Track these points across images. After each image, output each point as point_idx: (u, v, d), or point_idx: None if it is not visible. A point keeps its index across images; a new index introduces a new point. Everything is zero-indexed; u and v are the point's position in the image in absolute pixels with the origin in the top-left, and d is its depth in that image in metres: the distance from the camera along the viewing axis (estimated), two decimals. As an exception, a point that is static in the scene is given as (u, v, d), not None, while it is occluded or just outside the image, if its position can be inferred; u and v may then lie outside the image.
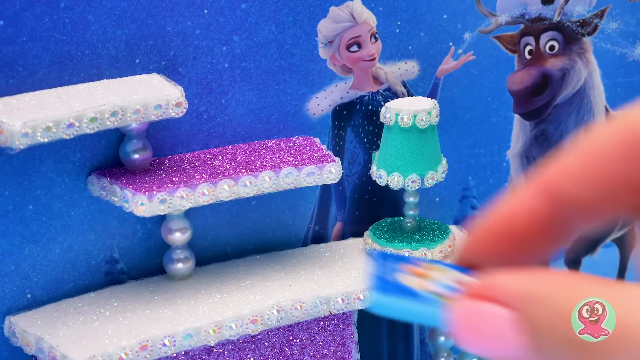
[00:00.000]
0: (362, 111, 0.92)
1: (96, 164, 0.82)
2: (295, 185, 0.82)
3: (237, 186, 0.80)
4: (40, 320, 0.79)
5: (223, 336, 0.78)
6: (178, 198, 0.78)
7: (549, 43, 0.96)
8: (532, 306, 0.34)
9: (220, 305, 0.80)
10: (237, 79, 0.86)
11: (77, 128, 0.73)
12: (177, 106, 0.77)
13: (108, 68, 0.80)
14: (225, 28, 0.84)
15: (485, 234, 0.41)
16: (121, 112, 0.75)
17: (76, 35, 0.78)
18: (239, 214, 0.89)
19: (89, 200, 0.82)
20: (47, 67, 0.78)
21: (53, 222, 0.81)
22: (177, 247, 0.84)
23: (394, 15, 0.90)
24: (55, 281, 0.82)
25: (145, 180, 0.79)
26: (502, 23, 0.94)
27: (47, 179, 0.80)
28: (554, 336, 0.34)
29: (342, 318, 0.84)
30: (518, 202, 0.38)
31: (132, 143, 0.81)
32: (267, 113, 0.88)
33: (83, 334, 0.76)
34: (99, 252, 0.84)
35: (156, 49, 0.82)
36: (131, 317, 0.79)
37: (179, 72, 0.83)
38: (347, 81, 0.90)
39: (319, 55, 0.88)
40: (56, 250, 0.82)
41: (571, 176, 0.38)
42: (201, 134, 0.86)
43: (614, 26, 0.97)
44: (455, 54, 0.93)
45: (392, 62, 0.91)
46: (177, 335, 0.76)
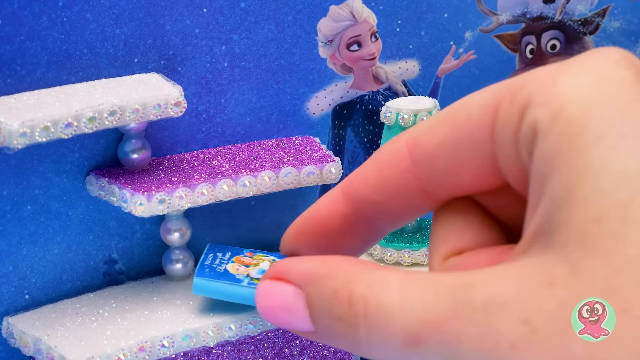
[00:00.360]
0: (363, 111, 0.92)
1: (95, 163, 0.82)
2: (295, 185, 0.82)
3: (237, 186, 0.80)
4: (38, 321, 0.79)
5: (222, 337, 0.78)
6: (177, 198, 0.78)
7: (551, 42, 0.96)
8: (310, 285, 0.39)
9: (219, 306, 0.80)
10: (237, 78, 0.86)
11: (76, 128, 0.73)
12: (176, 106, 0.77)
13: (107, 67, 0.80)
14: (224, 27, 0.84)
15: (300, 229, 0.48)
16: (120, 112, 0.75)
17: (74, 34, 0.78)
18: (238, 214, 0.89)
19: (87, 200, 0.82)
20: (45, 67, 0.78)
21: (51, 222, 0.81)
22: (176, 247, 0.84)
23: (395, 14, 0.90)
24: (53, 282, 0.82)
25: (144, 180, 0.79)
26: (504, 22, 0.94)
27: (45, 179, 0.80)
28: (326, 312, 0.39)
29: (342, 319, 0.85)
30: (324, 201, 0.46)
31: (130, 143, 0.81)
32: (267, 112, 0.88)
33: (81, 334, 0.76)
34: (97, 252, 0.84)
35: (155, 48, 0.82)
36: (130, 317, 0.79)
37: (178, 71, 0.83)
38: (347, 80, 0.90)
39: (318, 54, 0.88)
40: (54, 251, 0.82)
41: (364, 180, 0.44)
42: (200, 134, 0.86)
43: (615, 25, 0.97)
44: (456, 53, 0.93)
45: (393, 61, 0.91)
46: (176, 336, 0.76)
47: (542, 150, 0.37)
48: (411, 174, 0.42)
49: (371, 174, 0.44)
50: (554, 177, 0.36)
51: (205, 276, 0.78)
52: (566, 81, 0.38)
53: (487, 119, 0.40)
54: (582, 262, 0.34)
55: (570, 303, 0.34)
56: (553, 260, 0.35)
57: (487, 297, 0.35)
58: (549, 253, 0.36)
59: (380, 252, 0.88)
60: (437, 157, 0.42)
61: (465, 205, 0.45)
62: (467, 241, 0.44)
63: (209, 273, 0.78)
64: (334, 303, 0.38)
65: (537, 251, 0.37)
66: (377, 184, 0.43)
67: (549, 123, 0.37)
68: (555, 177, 0.36)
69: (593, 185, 0.35)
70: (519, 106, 0.39)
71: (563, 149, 0.36)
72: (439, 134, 0.42)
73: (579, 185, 0.35)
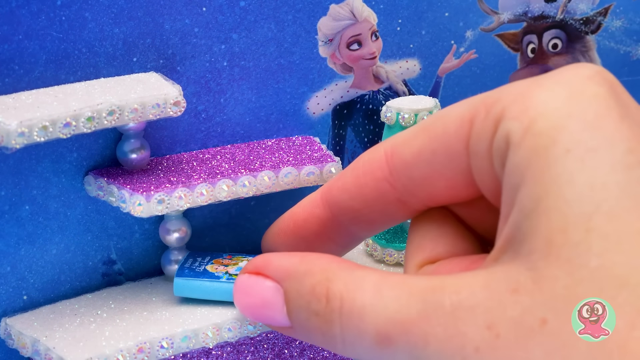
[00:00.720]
0: (363, 110, 0.92)
1: (93, 163, 0.82)
2: (295, 185, 0.82)
3: (236, 186, 0.80)
4: (36, 322, 0.79)
5: (222, 338, 0.78)
6: (176, 198, 0.78)
7: (552, 41, 0.96)
8: (288, 281, 0.40)
9: (219, 307, 0.80)
10: (236, 78, 0.86)
11: (74, 127, 0.73)
12: (175, 105, 0.77)
13: (105, 66, 0.80)
14: (224, 26, 0.84)
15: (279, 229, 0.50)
16: (118, 111, 0.75)
17: (73, 33, 0.78)
18: (237, 215, 0.89)
19: (85, 200, 0.82)
20: (44, 66, 0.78)
21: (49, 222, 0.81)
22: (175, 247, 0.84)
23: (395, 13, 0.90)
24: (51, 282, 0.82)
25: (143, 180, 0.79)
26: (505, 21, 0.94)
27: (44, 179, 0.80)
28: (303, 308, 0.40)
29: (343, 320, 0.84)
30: (304, 204, 0.48)
31: (129, 142, 0.81)
32: (267, 112, 0.88)
33: (80, 335, 0.76)
34: (96, 253, 0.84)
35: (154, 47, 0.82)
36: (128, 318, 0.79)
37: (177, 70, 0.83)
38: (347, 80, 0.90)
39: (318, 53, 0.88)
40: (53, 251, 0.82)
41: (342, 187, 0.45)
42: (199, 134, 0.86)
43: (617, 24, 0.97)
44: (457, 52, 0.93)
45: (393, 61, 0.91)
46: (175, 337, 0.76)
47: (514, 162, 0.38)
48: (388, 183, 0.43)
49: (349, 181, 0.45)
50: (523, 189, 0.37)
51: (185, 276, 0.80)
52: (539, 96, 0.39)
53: (462, 131, 0.41)
54: (545, 270, 0.35)
55: (532, 310, 0.35)
56: (519, 268, 0.36)
57: (456, 301, 0.36)
58: (516, 261, 0.36)
59: (381, 253, 0.88)
60: (414, 167, 0.43)
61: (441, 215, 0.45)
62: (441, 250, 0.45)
63: (189, 273, 0.80)
64: (312, 299, 0.39)
65: (506, 259, 0.37)
66: (354, 191, 0.44)
67: (520, 136, 0.37)
68: (525, 189, 0.37)
69: (559, 196, 0.36)
70: (493, 119, 0.39)
71: (533, 161, 0.37)
72: (416, 144, 0.42)
73: (546, 197, 0.36)
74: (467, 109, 0.41)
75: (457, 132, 0.41)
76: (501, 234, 0.39)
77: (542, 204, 0.36)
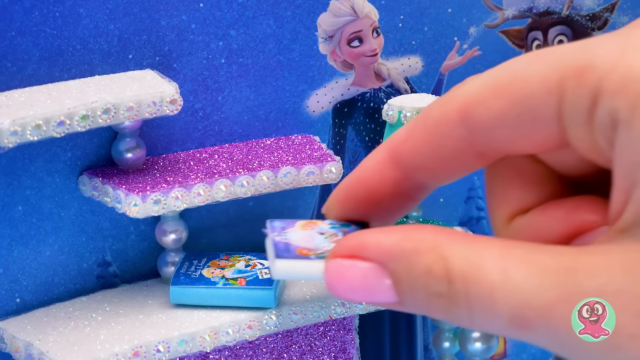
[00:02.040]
0: (364, 108, 0.92)
1: (88, 163, 0.82)
2: (294, 185, 0.82)
3: (234, 186, 0.80)
4: (29, 326, 0.79)
5: (219, 342, 0.78)
6: (173, 199, 0.78)
7: (558, 38, 0.96)
8: (395, 262, 0.39)
9: (216, 311, 0.80)
10: (234, 75, 0.86)
11: (68, 126, 0.73)
12: (172, 103, 0.77)
13: (100, 64, 0.80)
14: (221, 22, 0.84)
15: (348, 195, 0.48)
16: (113, 110, 0.75)
17: (67, 29, 0.78)
18: (235, 215, 0.89)
19: (80, 200, 0.82)
20: (37, 63, 0.78)
21: (43, 223, 0.81)
22: (171, 249, 0.84)
23: (397, 9, 0.90)
24: (45, 285, 0.82)
25: (139, 180, 0.79)
26: (509, 17, 0.94)
27: (37, 178, 0.80)
28: (421, 289, 0.39)
29: (343, 323, 0.84)
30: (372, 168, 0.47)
31: (125, 142, 0.81)
32: (265, 110, 0.88)
33: (74, 339, 0.76)
34: (90, 254, 0.84)
35: (150, 44, 0.82)
36: (124, 322, 0.79)
37: (174, 68, 0.83)
38: (348, 77, 0.90)
39: (318, 50, 0.88)
40: (46, 253, 0.82)
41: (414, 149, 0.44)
42: (197, 132, 0.86)
43: (624, 20, 0.97)
44: (461, 49, 0.93)
45: (395, 58, 0.91)
46: (172, 340, 0.76)
47: (627, 141, 0.38)
48: (466, 142, 0.43)
49: (421, 142, 0.44)
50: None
51: (181, 283, 0.80)
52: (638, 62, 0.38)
53: (552, 99, 0.40)
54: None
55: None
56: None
57: (596, 285, 0.36)
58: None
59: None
60: (496, 129, 0.42)
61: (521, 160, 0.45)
62: (530, 198, 0.45)
63: (184, 280, 0.80)
64: (430, 281, 0.39)
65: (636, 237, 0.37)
66: (429, 152, 0.44)
67: (629, 113, 0.37)
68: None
69: None
70: (589, 90, 0.39)
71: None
72: (497, 107, 0.42)
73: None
74: (552, 74, 0.41)
75: (545, 99, 0.41)
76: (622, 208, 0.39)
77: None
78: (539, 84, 0.41)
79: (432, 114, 0.44)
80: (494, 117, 0.42)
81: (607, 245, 0.38)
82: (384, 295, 0.41)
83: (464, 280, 0.38)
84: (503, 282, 0.38)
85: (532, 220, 0.44)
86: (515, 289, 0.38)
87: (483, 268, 0.38)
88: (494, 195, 0.46)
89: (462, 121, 0.42)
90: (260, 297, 0.78)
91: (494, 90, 0.42)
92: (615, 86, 0.38)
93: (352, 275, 0.42)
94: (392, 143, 0.46)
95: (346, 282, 0.43)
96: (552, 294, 0.37)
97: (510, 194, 0.45)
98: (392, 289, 0.41)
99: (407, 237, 0.41)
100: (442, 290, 0.38)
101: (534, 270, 0.38)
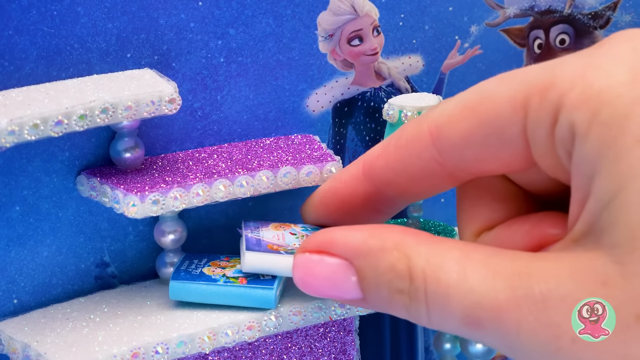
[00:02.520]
0: (364, 108, 0.92)
1: (86, 163, 0.82)
2: (293, 185, 0.82)
3: (233, 186, 0.80)
4: (27, 327, 0.79)
5: (218, 343, 0.78)
6: (171, 199, 0.78)
7: (560, 37, 0.96)
8: (360, 258, 0.41)
9: (215, 311, 0.80)
10: (233, 74, 0.86)
11: (66, 125, 0.73)
12: (171, 103, 0.77)
13: (98, 63, 0.80)
14: (220, 21, 0.84)
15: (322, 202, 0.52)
16: (112, 109, 0.75)
17: (65, 28, 0.78)
18: (235, 216, 0.89)
19: (78, 201, 0.82)
20: (35, 62, 0.78)
21: (41, 223, 0.81)
22: (170, 249, 0.84)
23: (397, 7, 0.90)
24: (43, 286, 0.82)
25: (137, 180, 0.79)
26: (511, 16, 0.94)
27: (35, 178, 0.80)
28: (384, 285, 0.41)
29: (343, 324, 0.84)
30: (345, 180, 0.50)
31: (123, 141, 0.81)
32: (265, 110, 0.88)
33: (72, 340, 0.76)
34: (88, 255, 0.84)
35: (148, 43, 0.82)
36: (122, 323, 0.79)
37: (173, 67, 0.83)
38: (348, 76, 0.90)
39: (318, 49, 0.88)
40: (44, 254, 0.82)
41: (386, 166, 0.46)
42: (195, 132, 0.86)
43: (627, 19, 0.97)
44: (462, 48, 0.93)
45: (395, 57, 0.92)
46: (171, 342, 0.76)
47: (583, 154, 0.39)
48: (436, 162, 0.44)
49: (393, 159, 0.46)
50: (597, 180, 0.38)
51: (181, 279, 0.80)
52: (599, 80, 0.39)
53: (517, 117, 0.41)
54: (633, 265, 0.36)
55: (625, 306, 0.36)
56: (604, 259, 0.37)
57: (545, 289, 0.37)
58: (599, 251, 0.37)
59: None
60: (465, 148, 0.43)
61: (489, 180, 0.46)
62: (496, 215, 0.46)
63: (185, 276, 0.80)
64: (393, 277, 0.40)
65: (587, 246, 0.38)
66: (400, 169, 0.45)
67: (586, 127, 0.38)
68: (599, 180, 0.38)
69: (635, 189, 0.36)
70: (551, 107, 0.39)
71: (603, 153, 0.38)
72: (464, 126, 0.43)
73: (622, 189, 0.37)
74: (518, 92, 0.42)
75: (510, 118, 0.42)
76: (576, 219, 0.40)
77: (620, 197, 0.37)
78: (505, 103, 0.42)
79: (405, 133, 0.46)
80: (462, 137, 0.43)
81: (559, 253, 0.39)
82: (349, 292, 0.43)
83: (424, 278, 0.40)
84: (459, 282, 0.39)
85: (497, 235, 0.45)
86: (470, 290, 0.39)
87: (442, 268, 0.39)
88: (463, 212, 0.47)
89: (433, 141, 0.44)
90: (260, 296, 0.78)
91: (463, 111, 0.43)
92: (575, 102, 0.39)
93: (320, 270, 0.44)
94: (367, 158, 0.48)
95: (314, 276, 0.44)
96: (503, 296, 0.38)
97: (479, 211, 0.47)
98: (357, 285, 0.42)
99: (374, 235, 0.42)
100: (404, 287, 0.40)
101: (489, 272, 0.39)
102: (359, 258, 0.43)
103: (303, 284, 0.45)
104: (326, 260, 0.43)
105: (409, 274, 0.40)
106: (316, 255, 0.43)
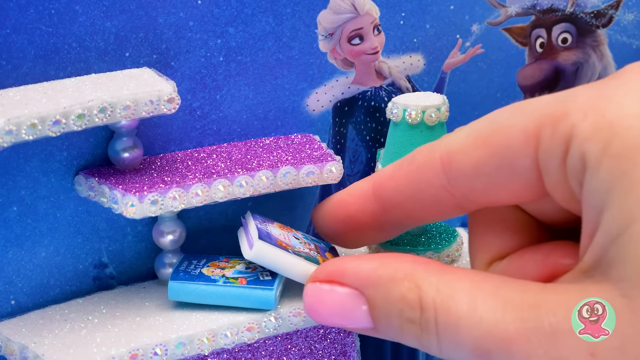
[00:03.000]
0: (365, 107, 0.92)
1: (84, 163, 0.82)
2: (293, 185, 0.82)
3: (233, 186, 0.80)
4: (24, 328, 0.79)
5: (218, 345, 0.78)
6: (170, 199, 0.78)
7: (562, 35, 0.96)
8: (371, 288, 0.42)
9: (214, 312, 0.80)
10: (233, 74, 0.86)
11: (64, 125, 0.73)
12: (170, 102, 0.77)
13: (96, 62, 0.80)
14: (220, 20, 0.84)
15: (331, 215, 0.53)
16: (110, 109, 0.75)
17: (63, 27, 0.78)
18: (234, 216, 0.89)
19: (76, 201, 0.82)
20: (32, 61, 0.78)
21: (38, 224, 0.81)
22: (169, 250, 0.84)
23: (398, 6, 0.90)
24: (40, 286, 0.82)
25: (136, 180, 0.79)
26: (512, 14, 0.94)
27: (32, 178, 0.80)
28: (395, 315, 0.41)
29: (344, 325, 0.84)
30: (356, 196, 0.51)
31: (121, 141, 0.81)
32: (264, 109, 0.88)
33: (70, 342, 0.76)
34: (86, 255, 0.84)
35: (147, 42, 0.82)
36: (121, 324, 0.79)
37: (171, 66, 0.83)
38: (348, 76, 0.90)
39: (318, 48, 0.88)
40: (42, 254, 0.82)
41: (396, 189, 0.47)
42: (195, 132, 0.86)
43: (630, 18, 0.97)
44: (463, 47, 0.93)
45: (396, 56, 0.91)
46: (169, 343, 0.76)
47: (594, 186, 0.39)
48: (446, 191, 0.45)
49: (403, 183, 0.47)
50: (607, 213, 0.38)
51: (180, 279, 0.80)
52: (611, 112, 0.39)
53: (529, 148, 0.42)
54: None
55: (633, 341, 0.36)
56: (612, 293, 0.37)
57: (554, 322, 0.37)
58: (606, 284, 0.37)
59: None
60: (475, 179, 0.44)
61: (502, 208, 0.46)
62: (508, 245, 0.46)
63: (184, 276, 0.80)
64: (404, 307, 0.41)
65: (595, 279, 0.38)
66: (410, 193, 0.46)
67: (597, 158, 0.38)
68: (608, 213, 0.38)
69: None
70: (562, 137, 0.40)
71: (614, 185, 0.38)
72: (476, 156, 0.43)
73: (632, 223, 0.37)
74: (530, 122, 0.42)
75: (523, 149, 0.42)
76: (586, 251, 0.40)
77: (629, 231, 0.38)
78: (517, 134, 0.42)
79: (417, 158, 0.46)
80: (473, 167, 0.43)
81: (569, 285, 0.39)
82: (359, 321, 0.43)
83: (434, 308, 0.40)
84: (469, 313, 0.39)
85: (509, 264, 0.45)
86: (480, 321, 0.39)
87: (453, 298, 0.40)
88: (475, 241, 0.47)
89: (444, 169, 0.44)
90: (260, 297, 0.78)
91: (476, 141, 0.44)
92: (587, 133, 0.39)
93: (331, 299, 0.44)
94: (378, 178, 0.49)
95: (324, 305, 0.45)
96: (513, 327, 0.38)
97: (491, 241, 0.47)
98: (367, 314, 0.43)
99: (385, 265, 0.43)
100: (415, 316, 0.40)
101: (499, 303, 0.39)
102: (370, 288, 0.43)
103: (313, 313, 0.46)
104: (337, 289, 0.44)
105: (420, 304, 0.41)
106: (327, 285, 0.44)
